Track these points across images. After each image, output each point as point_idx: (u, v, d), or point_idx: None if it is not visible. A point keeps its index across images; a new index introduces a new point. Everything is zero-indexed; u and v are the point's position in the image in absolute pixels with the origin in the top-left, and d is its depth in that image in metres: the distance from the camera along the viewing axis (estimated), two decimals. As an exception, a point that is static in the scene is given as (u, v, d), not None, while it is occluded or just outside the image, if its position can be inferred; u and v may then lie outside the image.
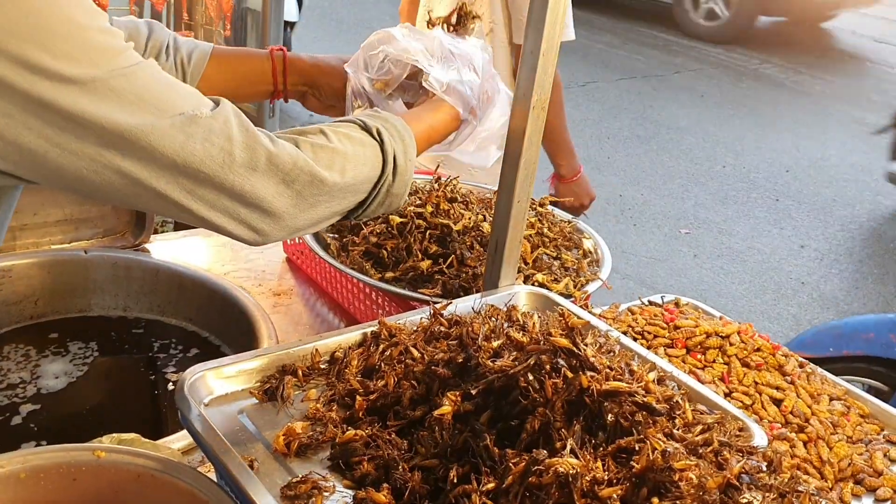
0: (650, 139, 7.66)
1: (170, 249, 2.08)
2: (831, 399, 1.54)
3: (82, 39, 0.93)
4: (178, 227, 2.53)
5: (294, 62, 1.53)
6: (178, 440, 1.41)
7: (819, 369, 1.61)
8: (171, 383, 1.76)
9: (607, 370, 1.02)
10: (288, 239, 1.15)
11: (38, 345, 1.82)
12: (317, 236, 1.81)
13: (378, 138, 1.22)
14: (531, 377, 1.01)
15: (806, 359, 1.54)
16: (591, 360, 1.01)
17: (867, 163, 7.65)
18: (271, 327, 1.80)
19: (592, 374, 1.00)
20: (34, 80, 0.90)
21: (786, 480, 1.05)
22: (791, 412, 1.45)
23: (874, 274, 5.69)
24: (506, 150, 1.41)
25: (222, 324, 1.91)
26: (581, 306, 1.58)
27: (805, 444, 1.41)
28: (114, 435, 1.14)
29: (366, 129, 1.22)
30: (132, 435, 1.15)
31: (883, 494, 1.35)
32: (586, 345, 1.05)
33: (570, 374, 1.00)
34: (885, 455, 1.44)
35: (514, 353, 1.06)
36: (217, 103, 1.06)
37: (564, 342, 1.02)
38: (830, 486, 1.36)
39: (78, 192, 1.02)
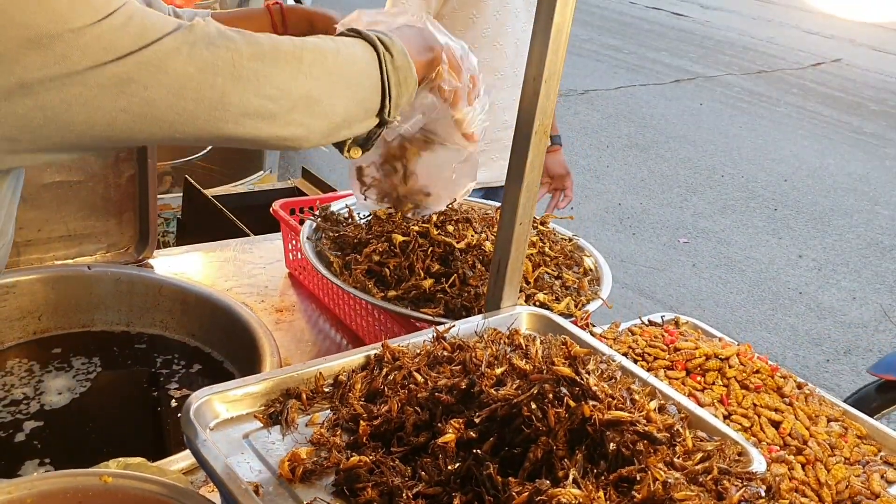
0: (649, 148, 7.69)
1: (173, 265, 2.09)
2: (829, 420, 1.55)
3: None
4: (181, 242, 2.55)
5: (291, 11, 1.58)
6: (181, 460, 1.43)
7: (818, 389, 1.63)
8: (173, 400, 1.77)
9: (609, 399, 1.03)
10: (328, 140, 1.15)
11: (41, 360, 1.83)
12: (319, 254, 1.82)
13: (352, 33, 1.23)
14: (534, 406, 1.02)
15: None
16: (594, 388, 1.03)
17: (865, 172, 7.68)
18: (273, 344, 1.81)
19: (594, 403, 1.01)
20: (51, 53, 0.91)
21: (785, 507, 1.06)
22: (789, 434, 1.46)
23: (872, 284, 5.71)
24: (508, 174, 1.42)
25: (225, 340, 1.92)
26: (581, 326, 1.59)
27: (803, 466, 1.42)
28: (120, 459, 1.15)
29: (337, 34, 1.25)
30: (138, 459, 1.16)
31: (880, 517, 1.37)
32: (588, 373, 1.06)
33: (572, 404, 1.01)
34: (882, 477, 1.46)
35: (517, 381, 1.07)
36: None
37: (567, 371, 1.03)
38: (828, 508, 1.37)
39: (114, 142, 1.01)
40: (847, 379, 4.60)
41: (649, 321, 1.76)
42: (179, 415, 1.71)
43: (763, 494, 1.07)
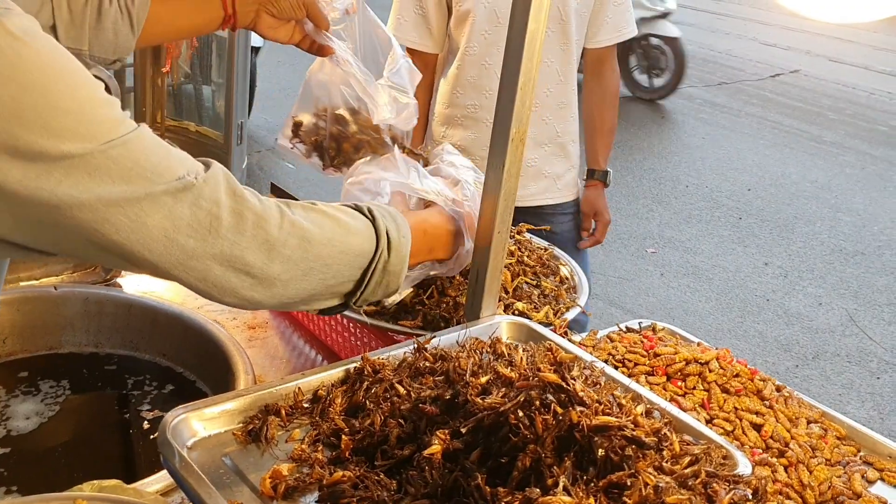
0: (613, 160, 7.65)
1: (142, 284, 2.05)
2: (809, 422, 1.55)
3: (85, 113, 0.90)
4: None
5: None
6: (157, 482, 1.38)
7: (796, 392, 1.63)
8: (146, 421, 1.73)
9: (596, 404, 1.02)
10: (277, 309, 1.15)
11: (7, 385, 1.78)
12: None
13: (369, 215, 1.20)
14: (521, 414, 1.00)
15: None
16: (580, 394, 1.01)
17: (826, 180, 7.81)
18: (247, 361, 1.78)
19: (582, 409, 1.00)
20: (33, 168, 0.88)
21: (773, 509, 1.06)
22: (771, 437, 1.46)
23: (837, 290, 5.79)
24: (486, 182, 1.41)
25: (197, 359, 1.88)
26: (560, 334, 1.58)
27: (786, 468, 1.42)
28: (94, 482, 1.11)
29: (356, 207, 1.21)
30: (114, 481, 1.12)
31: (863, 517, 1.37)
32: (574, 379, 1.05)
33: (559, 410, 1.00)
34: (862, 476, 1.46)
35: (503, 389, 1.06)
36: (208, 166, 1.04)
37: (553, 377, 1.02)
38: (812, 510, 1.37)
39: (79, 260, 1.02)
40: (816, 384, 4.65)
41: (627, 328, 1.76)
42: (153, 436, 1.68)
43: (750, 497, 1.06)
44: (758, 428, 1.48)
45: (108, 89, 0.95)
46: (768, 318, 5.34)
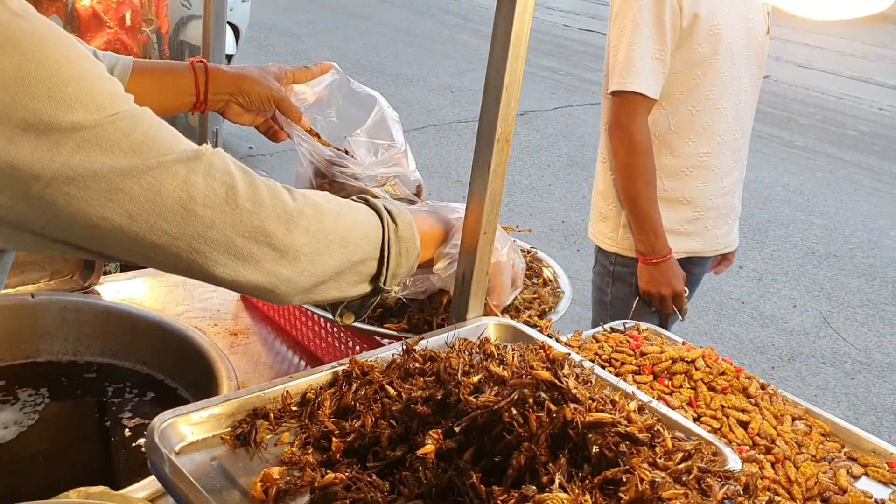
0: (588, 166, 7.78)
1: (120, 291, 2.03)
2: (794, 419, 1.57)
3: (88, 85, 0.91)
4: (126, 267, 2.47)
5: (216, 72, 1.56)
6: (143, 489, 1.37)
7: (781, 390, 1.64)
8: (127, 429, 1.71)
9: (589, 401, 1.02)
10: (311, 296, 1.13)
11: (-16, 394, 1.75)
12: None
13: (359, 200, 1.22)
14: (515, 412, 1.00)
15: None
16: (574, 391, 1.01)
17: (798, 184, 7.91)
18: (230, 368, 1.76)
19: (575, 406, 1.00)
20: (45, 140, 0.88)
21: (764, 503, 1.06)
22: (758, 434, 1.47)
23: (811, 292, 5.85)
24: (471, 183, 1.41)
25: (178, 366, 1.86)
26: (546, 335, 1.58)
27: (773, 465, 1.43)
28: (81, 489, 1.09)
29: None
30: (100, 488, 1.10)
31: (850, 512, 1.38)
32: (566, 376, 1.05)
33: (553, 408, 0.99)
34: (847, 472, 1.47)
35: (496, 387, 1.05)
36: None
37: (546, 375, 1.02)
38: (800, 505, 1.38)
39: (91, 249, 0.99)
40: (792, 385, 4.69)
41: (611, 328, 1.76)
42: (134, 444, 1.66)
43: (741, 493, 1.07)
44: (744, 425, 1.48)
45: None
46: (744, 321, 5.39)
